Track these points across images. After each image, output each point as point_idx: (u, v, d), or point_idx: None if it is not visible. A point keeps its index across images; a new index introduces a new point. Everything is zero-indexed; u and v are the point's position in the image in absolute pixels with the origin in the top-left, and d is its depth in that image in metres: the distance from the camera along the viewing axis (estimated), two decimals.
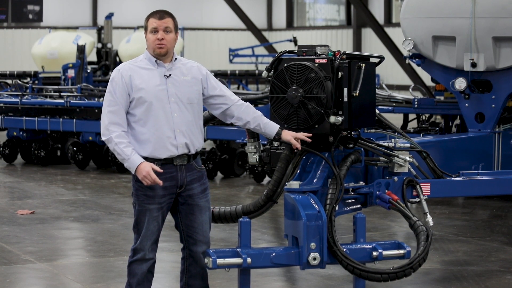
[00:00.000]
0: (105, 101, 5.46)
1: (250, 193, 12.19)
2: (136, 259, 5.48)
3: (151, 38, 5.46)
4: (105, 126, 5.40)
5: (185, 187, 5.49)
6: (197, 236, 5.55)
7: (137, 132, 5.42)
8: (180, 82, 5.50)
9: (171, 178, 5.44)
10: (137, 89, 5.40)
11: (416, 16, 9.66)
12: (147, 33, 5.49)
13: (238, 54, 33.06)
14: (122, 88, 5.40)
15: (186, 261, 5.63)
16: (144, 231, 5.44)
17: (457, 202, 11.22)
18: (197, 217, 5.54)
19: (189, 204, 5.53)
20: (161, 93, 5.43)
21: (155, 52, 5.46)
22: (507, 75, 9.28)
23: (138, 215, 5.46)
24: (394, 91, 12.85)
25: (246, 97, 12.89)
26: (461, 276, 7.31)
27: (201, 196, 5.55)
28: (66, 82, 20.79)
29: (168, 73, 5.49)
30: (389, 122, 6.92)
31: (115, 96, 5.40)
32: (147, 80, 5.43)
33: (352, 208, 6.23)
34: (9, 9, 39.18)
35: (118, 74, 5.44)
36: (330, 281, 7.16)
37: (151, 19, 5.47)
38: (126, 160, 5.35)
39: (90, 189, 12.50)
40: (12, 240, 8.82)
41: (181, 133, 5.44)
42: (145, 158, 5.38)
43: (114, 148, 5.36)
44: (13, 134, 15.23)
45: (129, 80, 5.41)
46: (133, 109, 5.42)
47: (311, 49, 6.09)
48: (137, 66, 5.48)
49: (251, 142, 6.45)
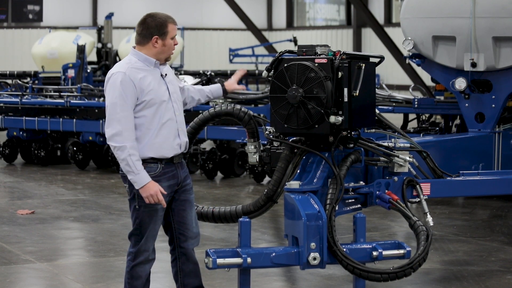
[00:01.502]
0: (115, 105, 5.28)
1: (250, 193, 12.19)
2: (139, 261, 5.45)
3: (171, 44, 5.44)
4: (118, 131, 5.25)
5: (182, 183, 5.54)
6: (189, 232, 5.57)
7: (145, 134, 5.37)
8: (173, 82, 5.56)
9: (173, 176, 5.48)
10: (147, 92, 5.34)
11: (416, 16, 9.66)
12: (166, 39, 5.41)
13: (238, 54, 33.06)
14: (132, 91, 5.30)
15: (178, 261, 5.63)
16: (149, 231, 5.43)
17: (457, 202, 11.22)
18: (188, 212, 5.57)
19: (182, 200, 5.56)
20: (165, 93, 5.44)
21: (168, 57, 5.48)
22: (507, 75, 9.28)
23: (144, 217, 5.42)
24: (394, 91, 12.85)
25: (246, 97, 12.93)
26: (461, 276, 7.32)
27: (191, 192, 5.62)
28: (66, 82, 20.78)
29: (164, 73, 5.50)
30: (389, 122, 6.92)
31: (126, 100, 5.29)
32: (153, 82, 5.40)
33: (352, 208, 6.23)
34: (9, 9, 39.17)
35: (126, 77, 5.30)
36: (330, 281, 7.16)
37: (172, 25, 5.43)
38: (134, 174, 5.26)
39: (90, 189, 12.50)
40: (12, 240, 8.82)
41: (182, 132, 5.52)
42: (152, 159, 5.37)
43: (126, 158, 5.24)
44: (13, 134, 15.23)
45: (139, 83, 5.33)
46: (140, 111, 5.35)
47: (311, 49, 6.09)
48: (138, 68, 5.40)
49: (251, 142, 6.45)
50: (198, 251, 5.69)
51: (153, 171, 5.37)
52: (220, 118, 6.60)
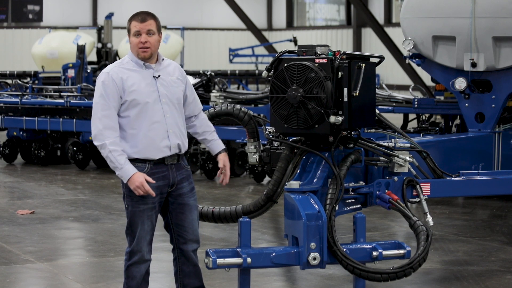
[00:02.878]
0: (97, 104, 5.39)
1: (250, 193, 12.19)
2: (134, 261, 5.47)
3: (134, 41, 5.43)
4: (99, 131, 5.34)
5: (176, 186, 5.51)
6: (187, 235, 5.56)
7: (130, 134, 5.39)
8: (168, 83, 5.50)
9: (163, 177, 5.45)
10: (130, 91, 5.37)
11: (416, 16, 9.66)
12: (130, 36, 5.45)
13: (238, 54, 33.06)
14: (114, 90, 5.36)
15: (178, 261, 5.63)
16: (139, 232, 5.43)
17: (457, 202, 11.22)
18: (187, 216, 5.55)
19: (179, 204, 5.54)
20: (153, 94, 5.42)
21: (139, 56, 5.44)
22: (507, 75, 9.27)
23: (132, 217, 5.46)
24: (394, 91, 12.84)
25: (246, 97, 12.94)
26: (461, 276, 7.31)
27: (190, 195, 5.56)
28: (66, 82, 20.79)
29: (156, 74, 5.47)
30: (389, 122, 6.92)
31: (107, 100, 5.35)
32: (138, 82, 5.40)
33: (352, 208, 6.23)
34: (9, 9, 39.19)
35: (109, 77, 5.38)
36: (330, 281, 7.16)
37: (133, 22, 5.44)
38: (118, 169, 5.33)
39: (90, 189, 12.50)
40: (12, 240, 8.82)
41: (173, 134, 5.45)
42: (138, 160, 5.38)
43: (108, 155, 5.33)
44: (13, 134, 15.22)
45: (121, 83, 5.37)
46: (125, 111, 5.38)
47: (311, 49, 6.09)
48: (125, 68, 5.44)
49: (251, 142, 6.46)
50: (198, 251, 5.69)
51: (140, 170, 5.39)
52: (220, 118, 6.60)
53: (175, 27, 32.70)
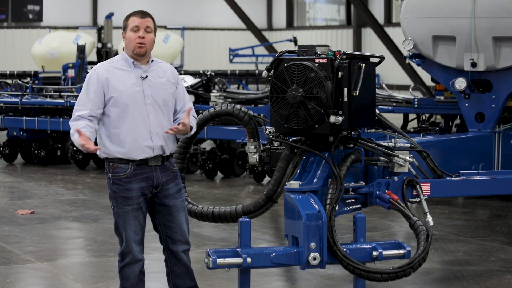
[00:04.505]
0: (79, 100, 5.44)
1: (250, 193, 12.19)
2: (126, 262, 5.47)
3: (132, 37, 5.44)
4: (73, 116, 5.39)
5: (161, 187, 5.50)
6: (176, 236, 5.56)
7: (113, 134, 5.41)
8: (156, 84, 5.49)
9: (146, 178, 5.44)
10: (113, 90, 5.39)
11: (416, 16, 9.66)
12: (126, 32, 5.47)
13: (238, 54, 33.05)
14: (97, 88, 5.39)
15: (169, 262, 5.63)
16: (127, 233, 5.43)
17: (457, 202, 11.22)
18: (175, 217, 5.54)
19: (166, 205, 5.53)
20: (137, 94, 5.42)
21: (134, 51, 5.45)
22: (507, 75, 9.28)
23: (118, 218, 5.46)
24: (394, 91, 12.85)
25: (246, 97, 12.94)
26: (461, 276, 7.32)
27: (176, 196, 5.55)
28: (66, 82, 20.77)
29: (144, 74, 5.48)
30: (389, 122, 6.92)
31: (89, 96, 5.40)
32: (124, 81, 5.42)
33: (352, 208, 6.23)
34: (9, 9, 39.18)
35: (94, 73, 5.44)
36: (330, 281, 7.16)
37: (133, 18, 5.47)
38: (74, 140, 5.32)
39: (90, 189, 12.50)
40: (12, 240, 8.82)
41: (157, 135, 5.44)
42: (122, 160, 5.39)
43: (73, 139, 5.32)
44: (13, 134, 15.23)
45: (105, 81, 5.40)
46: (108, 109, 5.40)
47: (311, 49, 6.09)
48: (113, 66, 5.48)
49: (251, 142, 6.45)
50: (198, 251, 5.69)
51: (123, 172, 5.40)
52: (220, 118, 6.60)
53: (175, 27, 32.71)
